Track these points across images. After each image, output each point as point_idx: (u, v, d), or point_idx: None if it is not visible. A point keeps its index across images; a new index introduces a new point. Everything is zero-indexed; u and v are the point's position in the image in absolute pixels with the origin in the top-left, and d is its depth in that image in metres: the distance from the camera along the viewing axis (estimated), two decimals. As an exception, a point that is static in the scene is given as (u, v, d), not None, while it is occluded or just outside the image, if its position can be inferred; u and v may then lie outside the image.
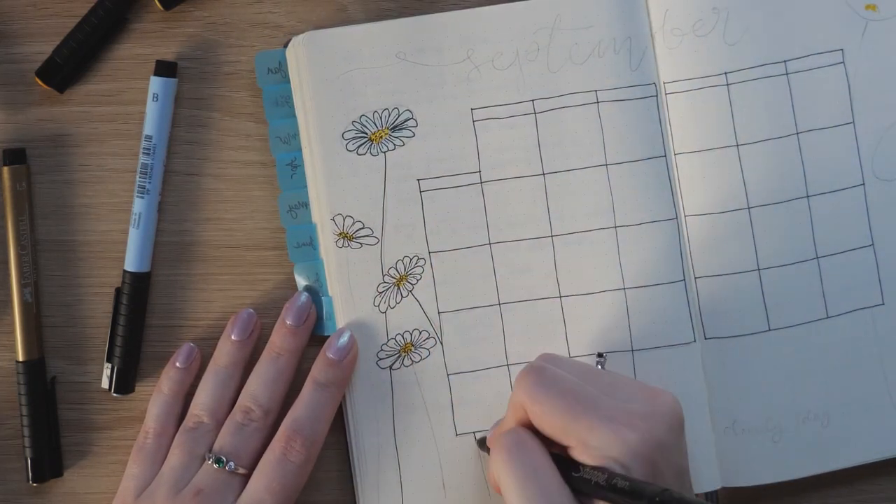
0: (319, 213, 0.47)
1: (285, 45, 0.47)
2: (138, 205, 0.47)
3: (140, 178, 0.47)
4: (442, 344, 0.47)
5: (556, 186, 0.46)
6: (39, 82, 0.47)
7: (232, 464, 0.44)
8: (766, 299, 0.46)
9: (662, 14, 0.46)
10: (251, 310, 0.47)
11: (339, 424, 0.47)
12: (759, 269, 0.46)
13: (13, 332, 0.47)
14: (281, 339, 0.46)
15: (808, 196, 0.46)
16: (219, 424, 0.45)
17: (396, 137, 0.46)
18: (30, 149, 0.48)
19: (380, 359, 0.46)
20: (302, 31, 0.48)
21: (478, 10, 0.46)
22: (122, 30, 0.48)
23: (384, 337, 0.46)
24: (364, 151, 0.46)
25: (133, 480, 0.45)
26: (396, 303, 0.46)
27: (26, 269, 0.47)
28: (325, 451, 0.46)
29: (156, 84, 0.47)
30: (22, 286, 0.47)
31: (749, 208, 0.46)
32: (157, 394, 0.47)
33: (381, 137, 0.46)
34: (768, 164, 0.46)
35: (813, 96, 0.46)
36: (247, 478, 0.44)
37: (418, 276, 0.46)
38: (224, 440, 0.44)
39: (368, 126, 0.46)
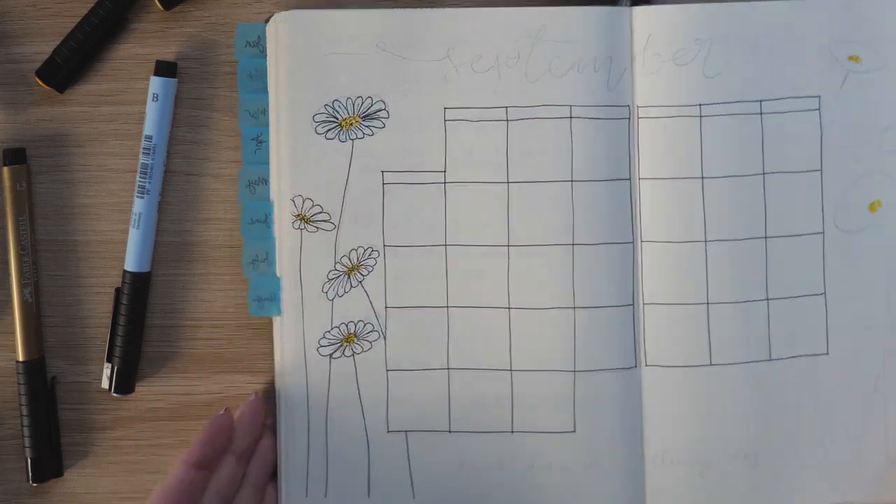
0: (279, 192, 0.47)
1: (267, 20, 0.47)
2: (138, 205, 0.47)
3: (140, 178, 0.47)
4: (385, 339, 0.46)
5: (519, 196, 0.46)
6: (39, 82, 0.47)
7: None
8: (712, 334, 0.46)
9: (645, 38, 0.46)
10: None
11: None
12: (707, 304, 0.46)
13: (13, 332, 0.47)
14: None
15: (766, 237, 0.46)
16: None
17: (367, 126, 0.46)
18: (30, 149, 0.48)
19: (321, 346, 0.46)
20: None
21: (464, 10, 0.46)
22: (122, 30, 0.48)
23: (328, 324, 0.46)
24: (332, 136, 0.46)
25: None
26: (345, 292, 0.46)
27: (26, 269, 0.47)
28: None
29: (156, 84, 0.47)
30: (22, 286, 0.47)
31: (706, 241, 0.46)
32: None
33: (352, 124, 0.46)
34: (731, 201, 0.46)
35: (784, 139, 0.46)
36: None
37: (370, 268, 0.46)
38: None
39: (340, 111, 0.46)
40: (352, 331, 0.46)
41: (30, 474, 0.47)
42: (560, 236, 0.46)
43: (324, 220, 0.46)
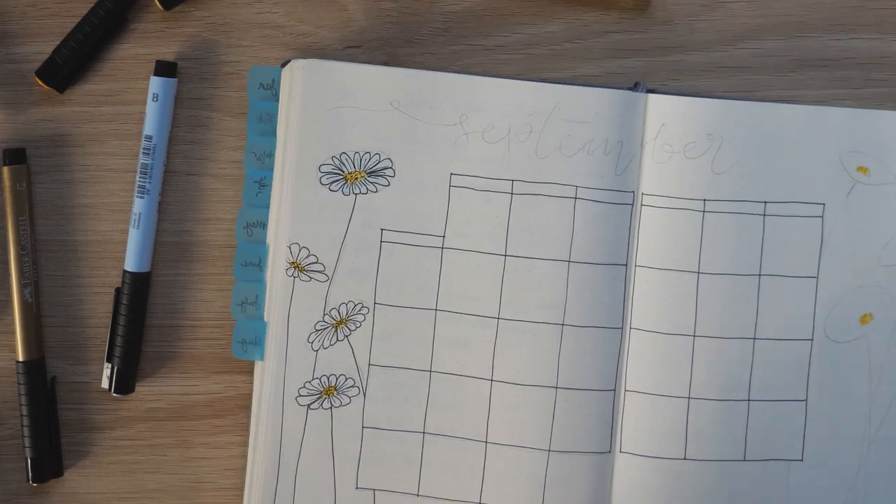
0: (276, 237, 0.47)
1: (283, 64, 0.47)
2: (138, 205, 0.47)
3: (140, 178, 0.47)
4: (365, 395, 0.46)
5: (515, 270, 0.46)
6: (39, 82, 0.47)
7: None
8: (689, 428, 0.46)
9: (658, 127, 0.46)
10: None
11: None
12: (689, 398, 0.46)
13: (13, 332, 0.47)
14: None
15: (754, 338, 0.46)
16: None
17: (371, 182, 0.46)
18: (30, 149, 0.48)
19: (300, 395, 0.46)
20: (303, 32, 0.48)
21: (481, 78, 0.46)
22: (122, 30, 0.48)
23: (310, 375, 0.46)
24: (336, 188, 0.46)
25: None
26: (330, 344, 0.46)
27: (26, 269, 0.47)
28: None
29: (156, 84, 0.47)
30: (22, 286, 0.47)
31: (694, 336, 0.46)
32: None
33: (357, 179, 0.46)
34: (724, 298, 0.46)
35: (784, 243, 0.46)
36: None
37: (358, 324, 0.46)
38: None
39: (346, 165, 0.46)
40: (332, 384, 0.46)
41: (30, 474, 0.47)
42: (550, 315, 0.46)
43: (318, 271, 0.46)
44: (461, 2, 0.48)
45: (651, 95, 0.46)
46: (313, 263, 0.46)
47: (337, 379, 0.46)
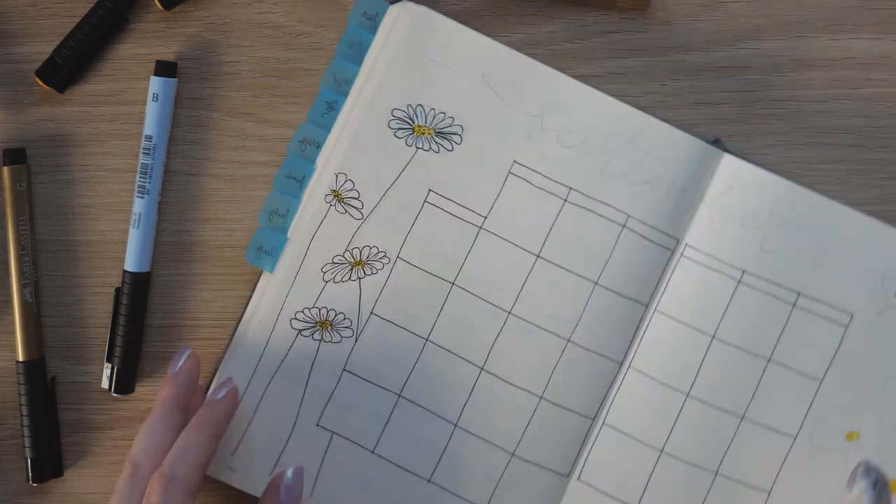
0: (327, 161, 0.47)
1: (392, 2, 0.47)
2: (138, 205, 0.47)
3: (140, 178, 0.47)
4: (356, 340, 0.46)
5: (541, 273, 0.46)
6: (39, 82, 0.47)
7: None
8: (651, 480, 0.46)
9: (724, 188, 0.46)
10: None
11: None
12: (661, 451, 0.46)
13: (13, 332, 0.47)
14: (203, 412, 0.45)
15: (742, 417, 0.46)
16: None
17: (436, 142, 0.46)
18: (30, 149, 0.48)
19: (296, 318, 0.46)
20: (303, 32, 0.48)
21: (573, 81, 0.46)
22: (122, 30, 0.48)
23: (311, 302, 0.46)
24: (402, 136, 0.46)
25: None
26: (342, 280, 0.46)
27: (26, 269, 0.47)
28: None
29: (156, 84, 0.47)
30: (22, 286, 0.47)
31: (687, 395, 0.46)
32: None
33: (423, 134, 0.46)
34: (728, 369, 0.46)
35: (802, 338, 0.46)
36: None
37: (375, 270, 0.46)
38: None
39: (419, 117, 0.46)
40: (330, 318, 0.46)
41: (30, 474, 0.47)
42: (560, 327, 0.46)
43: (355, 207, 0.46)
44: (461, 2, 0.48)
45: (727, 156, 0.46)
46: (353, 198, 0.46)
47: (336, 315, 0.46)
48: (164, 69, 0.47)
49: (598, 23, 0.48)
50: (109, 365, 0.47)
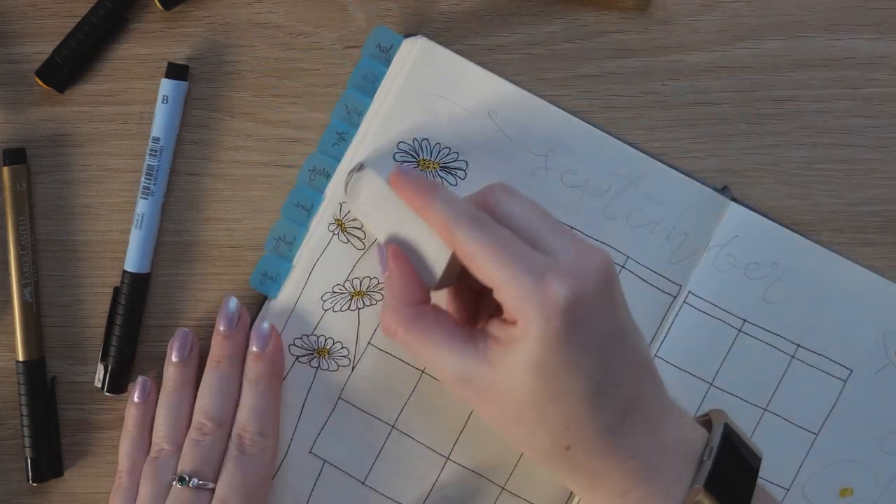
0: (334, 191, 0.47)
1: (406, 35, 0.47)
2: (142, 206, 0.47)
3: (145, 179, 0.47)
4: (353, 369, 0.47)
5: None
6: (39, 82, 0.47)
7: (195, 480, 0.44)
8: None
9: (730, 237, 0.46)
10: (185, 329, 0.47)
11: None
12: None
13: (13, 332, 0.47)
14: (218, 347, 0.46)
15: None
16: (179, 448, 0.45)
17: (441, 176, 0.46)
18: (30, 149, 0.48)
19: (294, 344, 0.47)
20: (303, 32, 0.48)
21: (581, 122, 0.46)
22: (122, 30, 0.48)
23: (310, 329, 0.47)
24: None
25: None
26: (340, 309, 0.47)
27: (26, 269, 0.47)
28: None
29: (166, 86, 0.47)
30: (22, 286, 0.47)
31: None
32: (124, 432, 0.46)
33: (428, 168, 0.46)
34: None
35: (800, 390, 0.46)
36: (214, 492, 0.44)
37: (374, 301, 0.46)
38: (185, 460, 0.44)
39: (424, 151, 0.46)
40: (328, 346, 0.47)
41: (30, 474, 0.47)
42: None
43: (357, 237, 0.46)
44: (461, 2, 0.48)
45: (733, 204, 0.46)
46: (356, 229, 0.46)
47: (334, 343, 0.47)
48: (176, 72, 0.47)
49: (598, 23, 0.48)
50: (103, 364, 0.47)
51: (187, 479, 0.44)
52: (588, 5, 0.48)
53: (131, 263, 0.47)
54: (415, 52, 0.46)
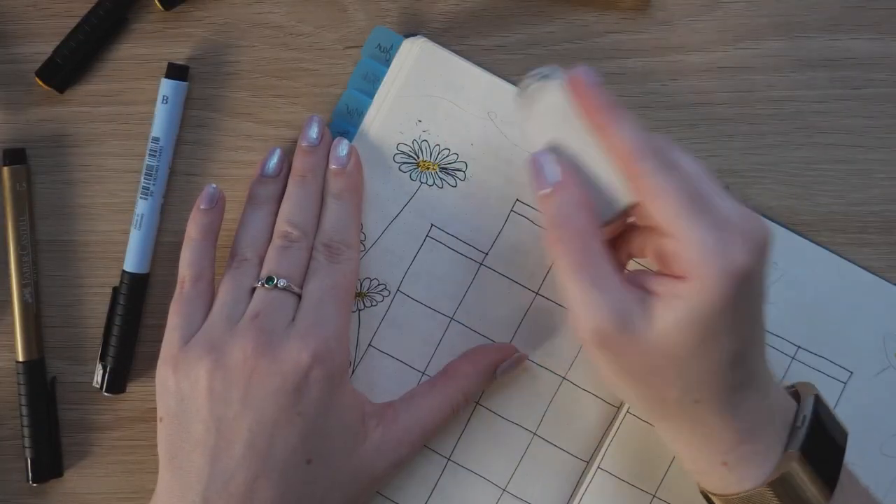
0: None
1: (406, 35, 0.47)
2: (141, 206, 0.47)
3: (145, 179, 0.47)
4: (353, 371, 0.46)
5: (540, 311, 0.46)
6: (39, 82, 0.47)
7: (283, 281, 0.43)
8: None
9: None
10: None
11: None
12: (653, 495, 0.45)
13: (13, 332, 0.47)
14: (302, 162, 0.46)
15: None
16: (262, 259, 0.44)
17: (440, 178, 0.46)
18: (30, 149, 0.48)
19: None
20: (303, 32, 0.48)
21: None
22: (122, 30, 0.48)
23: None
24: (406, 170, 0.46)
25: (178, 331, 0.43)
26: None
27: (26, 269, 0.47)
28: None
29: (167, 87, 0.47)
30: (22, 286, 0.47)
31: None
32: (187, 241, 0.45)
33: (427, 169, 0.46)
34: None
35: None
36: (300, 296, 0.43)
37: (374, 303, 0.46)
38: (270, 264, 0.43)
39: (423, 153, 0.46)
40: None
41: (30, 474, 0.47)
42: (556, 364, 0.46)
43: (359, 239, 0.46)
44: (461, 2, 0.48)
45: None
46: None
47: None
48: (176, 72, 0.47)
49: (598, 23, 0.48)
50: (102, 364, 0.47)
51: (275, 278, 0.43)
52: (588, 5, 0.48)
53: (131, 264, 0.47)
54: (415, 53, 0.46)
